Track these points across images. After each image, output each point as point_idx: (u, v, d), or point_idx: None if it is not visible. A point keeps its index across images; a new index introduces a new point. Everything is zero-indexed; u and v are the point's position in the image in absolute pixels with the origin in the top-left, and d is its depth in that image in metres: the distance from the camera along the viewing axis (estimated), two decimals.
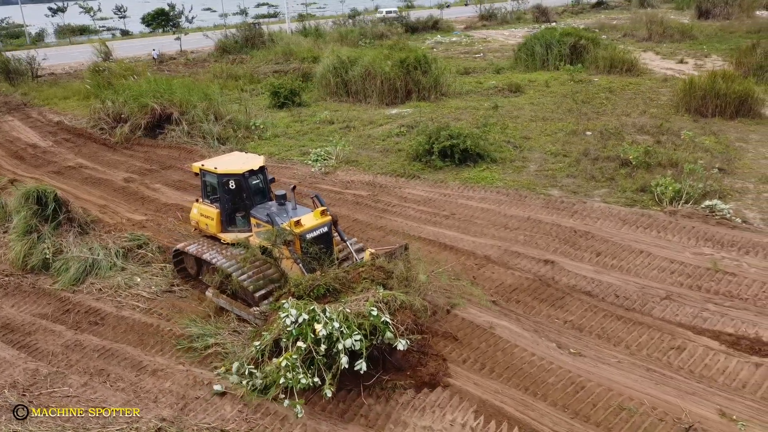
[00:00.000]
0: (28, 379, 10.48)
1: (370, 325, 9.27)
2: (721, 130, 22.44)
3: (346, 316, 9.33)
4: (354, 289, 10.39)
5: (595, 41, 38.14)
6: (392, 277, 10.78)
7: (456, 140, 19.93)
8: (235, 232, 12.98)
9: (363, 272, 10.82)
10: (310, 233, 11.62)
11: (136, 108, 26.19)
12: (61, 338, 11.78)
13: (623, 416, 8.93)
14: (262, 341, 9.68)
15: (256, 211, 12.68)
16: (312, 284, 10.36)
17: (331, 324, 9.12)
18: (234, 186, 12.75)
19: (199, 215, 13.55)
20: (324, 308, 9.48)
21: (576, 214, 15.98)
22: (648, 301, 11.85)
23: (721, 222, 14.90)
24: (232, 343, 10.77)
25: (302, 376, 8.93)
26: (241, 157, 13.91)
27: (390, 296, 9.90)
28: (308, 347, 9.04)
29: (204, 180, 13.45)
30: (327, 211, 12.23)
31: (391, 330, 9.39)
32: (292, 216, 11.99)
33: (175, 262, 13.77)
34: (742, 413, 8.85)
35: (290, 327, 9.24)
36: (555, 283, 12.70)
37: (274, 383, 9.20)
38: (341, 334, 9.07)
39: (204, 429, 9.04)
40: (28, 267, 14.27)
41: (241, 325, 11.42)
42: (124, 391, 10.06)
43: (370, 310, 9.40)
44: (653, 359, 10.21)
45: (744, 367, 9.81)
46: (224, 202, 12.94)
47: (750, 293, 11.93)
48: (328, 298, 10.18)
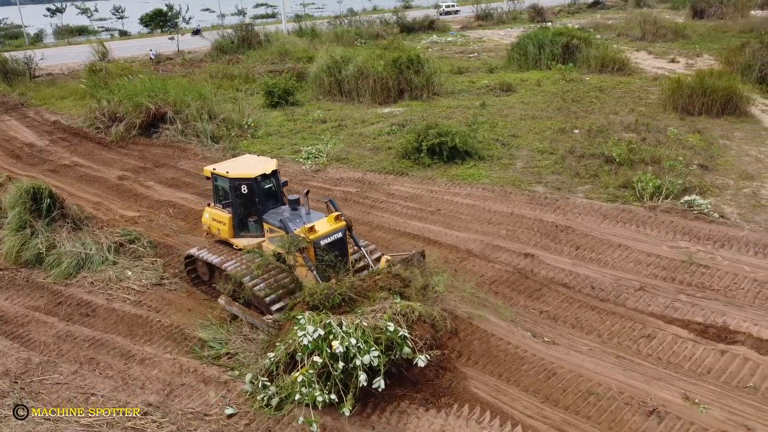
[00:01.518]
0: (21, 367, 10.84)
1: (388, 339, 9.01)
2: (706, 128, 22.81)
3: (363, 329, 9.02)
4: (370, 298, 10.07)
5: (587, 41, 38.47)
6: (409, 285, 10.50)
7: (444, 138, 20.29)
8: (247, 238, 12.84)
9: (379, 280, 10.48)
10: (323, 239, 11.31)
11: (131, 107, 26.54)
12: (53, 329, 12.14)
13: (591, 400, 9.30)
14: (276, 353, 9.35)
15: (268, 216, 12.43)
16: (327, 294, 10.00)
17: (347, 340, 8.81)
18: (246, 190, 12.50)
19: (211, 220, 13.37)
20: (340, 321, 9.17)
21: (558, 209, 16.34)
22: (622, 292, 12.22)
23: (699, 217, 15.26)
24: (244, 351, 10.66)
25: (318, 393, 8.62)
26: (254, 161, 13.54)
27: (407, 308, 9.62)
28: (324, 362, 8.76)
29: (216, 184, 13.23)
30: (341, 216, 11.87)
31: (409, 345, 9.11)
32: (305, 221, 11.71)
33: (187, 267, 13.57)
34: (704, 397, 9.21)
35: (306, 342, 8.91)
36: (534, 275, 13.07)
37: (288, 398, 8.99)
38: (359, 350, 8.76)
39: (189, 413, 9.41)
40: (22, 261, 14.63)
41: (253, 332, 11.22)
42: (112, 379, 10.43)
43: (387, 325, 9.10)
44: (623, 347, 10.58)
45: (710, 354, 10.18)
46: (236, 206, 12.72)
47: (721, 285, 12.29)
48: (343, 308, 9.89)
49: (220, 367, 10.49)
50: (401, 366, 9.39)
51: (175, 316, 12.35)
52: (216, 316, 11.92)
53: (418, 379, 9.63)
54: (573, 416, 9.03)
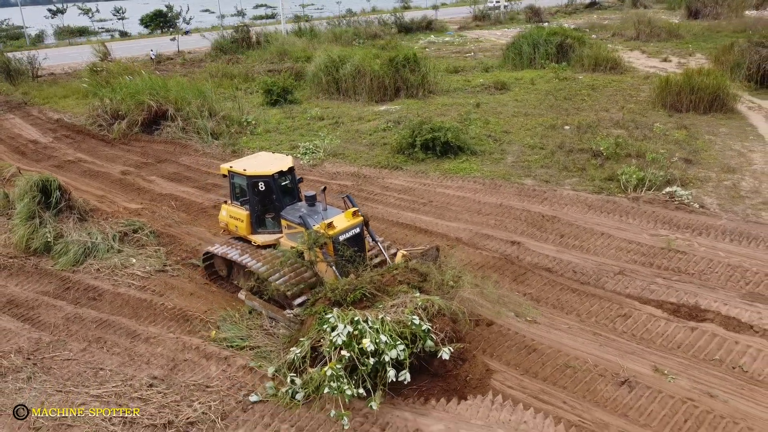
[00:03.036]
0: (32, 345, 11.48)
1: (411, 333, 9.22)
2: (693, 124, 23.47)
3: (387, 324, 9.22)
4: (389, 293, 10.25)
5: (581, 40, 39.15)
6: (427, 280, 10.70)
7: (437, 133, 20.95)
8: (265, 234, 13.05)
9: (398, 275, 10.69)
10: (342, 235, 11.46)
11: (133, 105, 27.20)
12: (61, 312, 12.77)
13: (568, 372, 9.95)
14: (301, 348, 9.52)
15: (286, 213, 12.59)
16: (348, 289, 10.17)
17: (377, 337, 8.99)
18: (264, 187, 12.68)
19: (228, 217, 13.53)
20: (366, 318, 9.32)
21: (546, 200, 17.00)
22: (602, 276, 12.88)
23: (680, 207, 15.93)
24: (265, 346, 10.85)
25: (347, 387, 8.72)
26: (269, 158, 13.73)
27: (428, 302, 9.80)
28: (351, 357, 8.89)
29: (232, 182, 13.39)
30: (358, 212, 12.04)
31: (432, 338, 9.34)
32: (323, 217, 11.87)
33: (205, 264, 13.79)
34: (673, 369, 9.87)
35: (340, 341, 8.97)
36: (519, 261, 13.72)
37: (314, 391, 9.11)
38: (386, 345, 8.95)
39: (191, 385, 10.05)
40: (31, 249, 15.26)
41: (274, 326, 11.43)
42: (119, 355, 11.07)
43: (412, 319, 9.30)
44: (600, 325, 11.23)
45: (681, 331, 10.83)
46: (254, 203, 12.89)
47: (697, 269, 12.95)
48: (364, 303, 10.04)
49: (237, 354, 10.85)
50: (421, 357, 9.53)
51: (177, 299, 13.00)
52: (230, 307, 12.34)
53: (438, 370, 9.77)
54: (550, 386, 9.68)
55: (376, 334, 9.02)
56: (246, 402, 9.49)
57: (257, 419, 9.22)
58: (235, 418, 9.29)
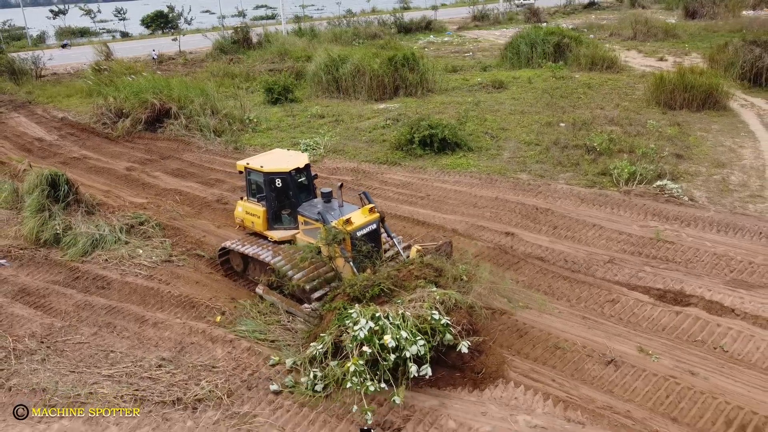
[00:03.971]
0: (45, 330, 11.97)
1: (430, 327, 9.41)
2: (686, 121, 23.96)
3: (407, 319, 9.40)
4: (407, 288, 10.41)
5: (578, 40, 39.66)
6: (442, 274, 10.86)
7: (435, 130, 21.46)
8: (281, 230, 13.26)
9: (414, 270, 10.86)
10: (359, 231, 11.66)
11: (136, 103, 27.72)
12: (72, 300, 13.26)
13: (557, 353, 10.44)
14: (323, 343, 9.69)
15: (303, 209, 12.75)
16: (367, 285, 10.37)
17: (398, 333, 9.14)
18: (281, 184, 12.86)
19: (245, 213, 13.76)
20: (387, 314, 9.48)
21: (540, 194, 17.50)
22: (593, 264, 13.38)
23: (670, 200, 16.43)
24: (284, 341, 11.11)
25: (370, 382, 8.86)
26: (285, 155, 13.97)
27: (445, 296, 9.98)
28: (374, 353, 9.06)
29: (249, 178, 13.58)
30: (375, 208, 12.25)
31: (451, 332, 9.54)
32: (340, 214, 12.04)
33: (221, 259, 14.09)
34: (657, 349, 10.36)
35: (362, 335, 9.18)
36: (513, 250, 14.22)
37: (335, 384, 9.32)
38: (406, 341, 9.10)
39: (198, 366, 10.54)
40: (41, 241, 15.74)
41: (291, 321, 11.74)
42: (128, 339, 11.56)
43: (432, 314, 9.50)
44: (589, 310, 11.73)
45: (666, 314, 11.33)
46: (270, 200, 13.09)
47: (683, 258, 13.45)
48: (382, 299, 10.19)
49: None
50: (440, 350, 9.70)
51: (183, 287, 13.48)
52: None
53: (455, 362, 9.94)
54: (540, 366, 10.17)
55: (397, 330, 9.18)
56: (266, 390, 9.74)
57: (261, 396, 9.70)
58: (241, 395, 9.77)
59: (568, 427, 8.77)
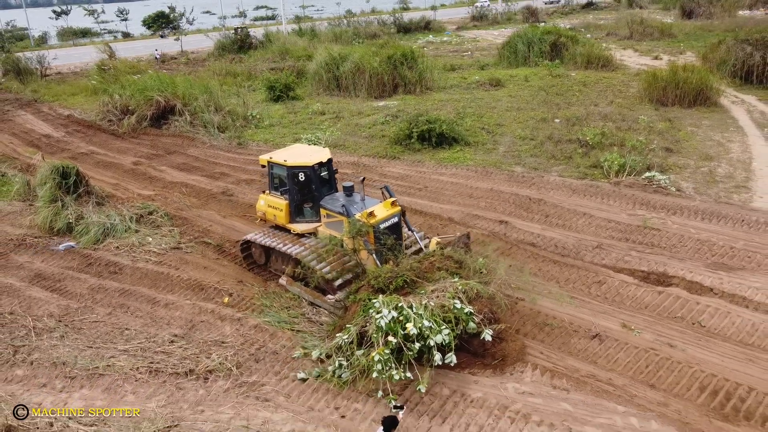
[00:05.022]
0: (62, 311, 12.65)
1: (454, 316, 9.70)
2: (677, 117, 24.65)
3: (431, 309, 9.68)
4: (429, 279, 10.63)
5: (574, 39, 40.35)
6: (462, 266, 11.14)
7: (433, 125, 22.15)
8: (303, 223, 13.46)
9: (435, 262, 11.12)
10: (381, 224, 11.89)
11: (142, 101, 28.41)
12: (86, 283, 13.93)
13: (546, 329, 11.12)
14: (348, 334, 9.96)
15: (326, 203, 12.96)
16: (390, 276, 10.64)
17: (420, 321, 9.42)
18: (303, 178, 13.06)
19: (267, 206, 13.93)
20: (411, 304, 9.75)
21: (533, 185, 18.17)
22: (581, 249, 14.06)
23: (658, 190, 17.11)
24: (310, 333, 11.36)
25: (395, 371, 9.17)
26: (307, 150, 14.15)
27: (467, 286, 10.27)
28: (398, 342, 9.33)
29: (271, 172, 13.76)
30: (396, 202, 12.49)
31: (474, 321, 9.83)
32: (362, 207, 12.27)
33: (243, 251, 14.38)
34: (639, 325, 11.04)
35: (382, 324, 9.44)
36: (506, 237, 14.89)
37: (361, 374, 9.54)
38: (431, 330, 9.36)
39: (209, 341, 11.22)
40: (54, 230, 16.42)
41: (316, 314, 12.03)
42: (141, 318, 12.23)
43: (455, 303, 9.79)
44: (577, 290, 12.40)
45: (649, 294, 12.00)
46: (293, 193, 13.26)
47: (668, 243, 14.12)
48: (405, 290, 10.43)
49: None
50: (462, 338, 10.01)
51: (192, 272, 14.15)
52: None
53: (477, 349, 10.28)
54: (529, 341, 10.83)
55: (420, 318, 9.45)
56: (292, 377, 10.11)
57: (268, 368, 10.38)
58: (249, 367, 10.45)
59: (554, 393, 9.45)
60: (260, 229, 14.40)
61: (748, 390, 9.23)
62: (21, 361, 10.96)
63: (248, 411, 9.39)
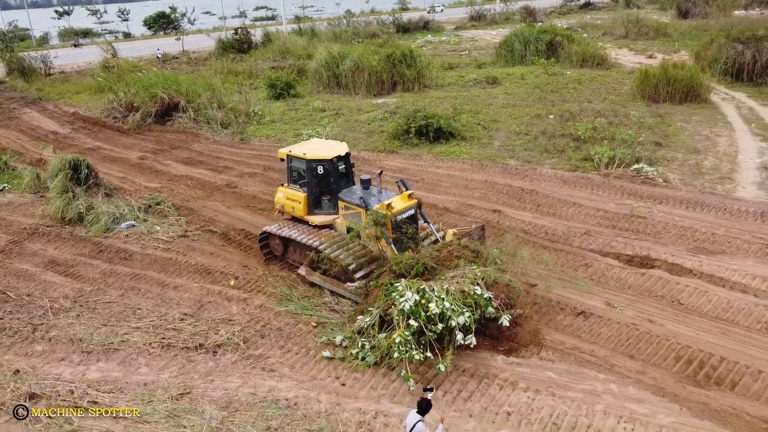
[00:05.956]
0: (77, 293, 13.33)
1: (473, 301, 10.07)
2: (668, 113, 25.35)
3: (452, 293, 10.02)
4: (448, 267, 10.98)
5: (570, 38, 41.05)
6: (480, 255, 11.50)
7: (430, 120, 22.86)
8: (321, 215, 13.74)
9: (453, 251, 11.48)
10: (399, 215, 12.27)
11: (146, 98, 29.11)
12: (98, 269, 14.61)
13: (534, 307, 11.79)
14: (371, 317, 10.34)
15: (344, 195, 13.27)
16: (411, 263, 11.02)
17: (442, 303, 9.78)
18: (322, 171, 13.34)
19: (285, 199, 14.20)
20: (432, 287, 10.09)
21: (526, 177, 18.87)
22: (570, 236, 14.75)
23: (645, 181, 17.82)
24: (333, 319, 11.68)
25: (415, 352, 9.52)
26: (325, 144, 14.48)
27: (485, 273, 10.64)
28: (420, 325, 9.67)
29: (290, 165, 14.04)
30: (413, 195, 12.88)
31: (493, 305, 10.19)
32: (379, 199, 12.60)
33: (261, 243, 14.61)
34: (622, 303, 11.73)
35: (407, 307, 9.79)
36: (498, 225, 15.58)
37: (383, 356, 9.94)
38: (452, 312, 9.72)
39: (217, 319, 11.90)
40: (66, 219, 17.09)
41: (337, 303, 12.29)
42: (152, 299, 12.92)
43: (475, 289, 10.17)
44: (565, 272, 13.07)
45: (632, 275, 12.70)
46: (312, 186, 13.55)
47: (653, 230, 14.82)
48: (425, 276, 10.77)
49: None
50: (479, 322, 10.31)
51: (199, 258, 14.84)
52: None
53: (493, 332, 10.71)
54: (518, 318, 11.50)
55: (441, 301, 9.80)
56: (319, 357, 10.60)
57: (273, 342, 11.08)
58: (255, 342, 11.14)
59: (540, 363, 10.13)
60: (278, 221, 14.66)
61: (720, 359, 9.93)
62: (40, 338, 11.65)
63: (255, 380, 10.08)
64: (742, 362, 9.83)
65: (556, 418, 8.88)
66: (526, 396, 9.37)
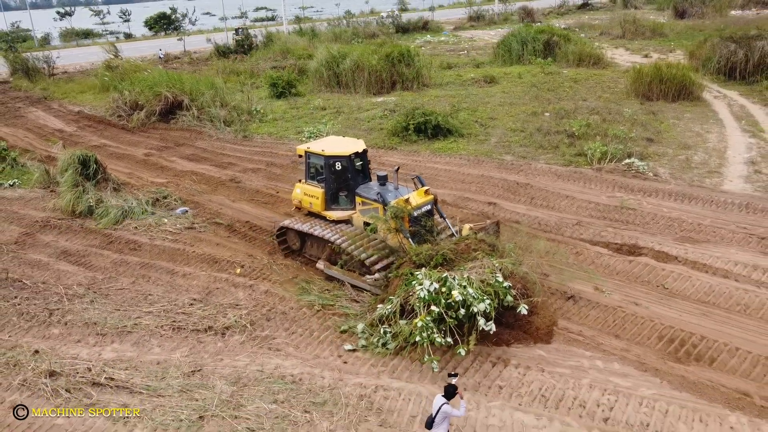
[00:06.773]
0: (90, 280, 13.95)
1: (493, 290, 10.36)
2: (661, 111, 25.95)
3: (473, 282, 10.30)
4: (466, 259, 11.30)
5: (566, 37, 41.68)
6: (496, 249, 11.83)
7: (429, 117, 23.47)
8: (338, 210, 14.01)
9: (470, 244, 11.81)
10: (416, 210, 12.56)
11: (150, 96, 29.73)
12: (108, 258, 15.22)
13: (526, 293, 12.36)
14: (392, 305, 10.65)
15: (361, 191, 13.47)
16: (431, 254, 11.34)
17: (465, 290, 10.10)
18: (340, 167, 13.61)
19: (303, 194, 14.45)
20: (453, 276, 10.38)
21: (521, 172, 19.49)
22: (562, 226, 15.37)
23: (636, 175, 18.44)
24: (353, 309, 12.07)
25: (437, 336, 9.86)
26: (342, 141, 14.65)
27: (502, 264, 11.00)
28: (441, 312, 9.99)
29: (308, 162, 14.29)
30: (429, 191, 13.13)
31: (512, 294, 10.46)
32: (397, 195, 12.83)
33: (279, 238, 14.93)
34: (610, 287, 12.36)
35: (423, 293, 10.10)
36: (494, 216, 16.17)
37: (404, 341, 10.27)
38: (474, 299, 10.02)
39: (224, 304, 12.52)
40: (76, 212, 17.71)
41: (357, 295, 12.63)
42: (162, 286, 13.53)
43: (496, 278, 10.46)
44: (556, 260, 13.68)
45: (620, 263, 13.31)
46: (330, 182, 13.80)
47: (642, 221, 15.44)
48: (445, 266, 11.05)
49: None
50: (498, 311, 10.53)
51: (206, 248, 15.45)
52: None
53: (509, 320, 11.00)
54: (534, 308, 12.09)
55: (463, 288, 10.13)
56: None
57: (278, 324, 11.69)
58: (261, 324, 11.76)
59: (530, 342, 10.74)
60: (296, 216, 14.92)
61: (701, 338, 10.54)
62: (56, 322, 12.26)
63: (262, 359, 10.69)
64: (720, 340, 10.45)
65: (545, 391, 9.49)
66: (517, 372, 9.98)
